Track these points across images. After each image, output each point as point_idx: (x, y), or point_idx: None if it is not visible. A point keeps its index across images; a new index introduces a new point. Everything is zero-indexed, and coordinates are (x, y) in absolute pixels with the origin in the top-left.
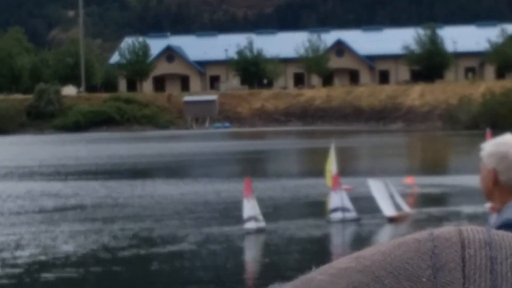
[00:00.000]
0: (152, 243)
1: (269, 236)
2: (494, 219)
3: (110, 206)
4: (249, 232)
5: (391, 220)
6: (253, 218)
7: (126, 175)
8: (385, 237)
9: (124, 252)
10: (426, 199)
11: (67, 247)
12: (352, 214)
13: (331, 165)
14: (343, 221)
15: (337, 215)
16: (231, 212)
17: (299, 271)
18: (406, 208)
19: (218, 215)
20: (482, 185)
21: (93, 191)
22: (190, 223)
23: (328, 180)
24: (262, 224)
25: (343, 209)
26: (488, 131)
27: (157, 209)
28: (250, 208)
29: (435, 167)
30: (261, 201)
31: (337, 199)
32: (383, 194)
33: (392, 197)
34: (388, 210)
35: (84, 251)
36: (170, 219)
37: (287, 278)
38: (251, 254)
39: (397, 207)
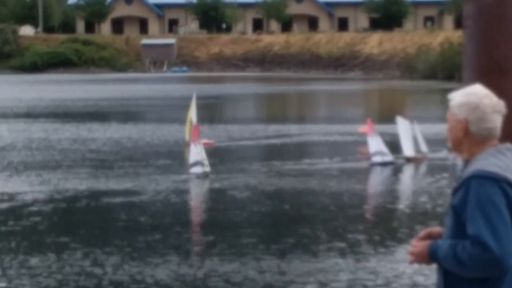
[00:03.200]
0: (94, 189)
1: (214, 181)
2: (460, 168)
3: (51, 149)
4: (195, 177)
5: (409, 160)
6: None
7: (74, 118)
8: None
9: (65, 199)
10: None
11: None
12: (389, 157)
13: (192, 116)
14: (382, 164)
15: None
16: (178, 156)
17: (242, 215)
18: (425, 149)
19: (165, 159)
20: (450, 136)
21: (35, 133)
22: (135, 168)
23: (187, 131)
24: (207, 169)
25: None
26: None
27: (102, 153)
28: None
29: (391, 116)
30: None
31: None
32: (408, 134)
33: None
34: (407, 150)
35: (21, 198)
36: (116, 164)
37: (232, 223)
38: (196, 199)
39: (418, 148)
